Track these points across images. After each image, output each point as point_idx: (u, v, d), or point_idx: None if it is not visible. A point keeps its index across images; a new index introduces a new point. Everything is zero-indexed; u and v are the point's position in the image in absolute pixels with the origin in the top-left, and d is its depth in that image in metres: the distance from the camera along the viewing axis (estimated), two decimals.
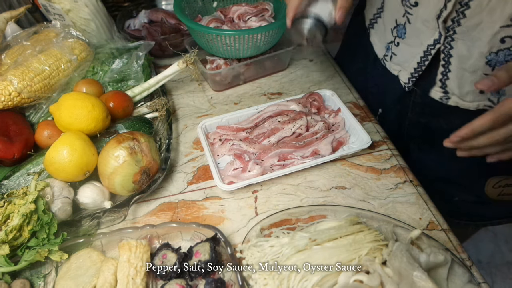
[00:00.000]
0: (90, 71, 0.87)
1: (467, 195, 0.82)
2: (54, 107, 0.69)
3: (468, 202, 0.83)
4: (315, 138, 0.77)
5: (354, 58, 0.96)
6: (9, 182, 0.66)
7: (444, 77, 0.68)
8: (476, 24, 0.59)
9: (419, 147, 0.85)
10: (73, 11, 0.91)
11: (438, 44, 0.65)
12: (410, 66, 0.73)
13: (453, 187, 0.83)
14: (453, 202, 0.85)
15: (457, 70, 0.66)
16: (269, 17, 0.97)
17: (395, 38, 0.75)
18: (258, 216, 0.68)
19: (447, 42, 0.64)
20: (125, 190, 0.64)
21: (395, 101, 0.83)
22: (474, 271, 0.58)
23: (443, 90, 0.70)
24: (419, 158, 0.85)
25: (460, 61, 0.65)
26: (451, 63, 0.66)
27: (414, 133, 0.84)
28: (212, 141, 0.79)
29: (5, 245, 0.54)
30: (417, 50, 0.70)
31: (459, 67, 0.65)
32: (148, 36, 1.01)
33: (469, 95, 0.68)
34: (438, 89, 0.71)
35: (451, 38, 0.64)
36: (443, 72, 0.68)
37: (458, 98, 0.69)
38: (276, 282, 0.52)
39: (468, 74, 0.65)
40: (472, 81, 0.65)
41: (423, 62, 0.70)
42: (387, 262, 0.53)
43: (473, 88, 0.66)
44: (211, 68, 0.94)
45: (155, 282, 0.58)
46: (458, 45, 0.64)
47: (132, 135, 0.65)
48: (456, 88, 0.68)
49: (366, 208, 0.67)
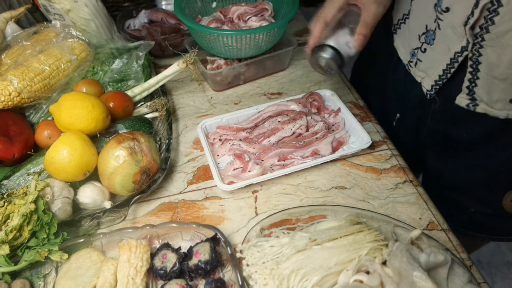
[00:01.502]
0: (90, 71, 0.87)
1: (484, 207, 0.80)
2: (54, 107, 0.69)
3: (484, 214, 0.81)
4: (315, 138, 0.77)
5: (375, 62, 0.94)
6: (9, 182, 0.66)
7: (472, 84, 0.66)
8: (505, 31, 0.58)
9: (437, 154, 0.83)
10: (73, 11, 0.91)
11: (466, 51, 0.63)
12: (435, 73, 0.71)
13: (470, 198, 0.81)
14: (468, 213, 0.83)
15: (486, 77, 0.64)
16: (269, 16, 0.97)
17: (422, 45, 0.72)
18: (258, 216, 0.68)
19: (475, 50, 0.63)
20: (125, 190, 0.64)
21: (415, 108, 0.81)
22: (474, 271, 0.58)
23: (470, 97, 0.68)
24: (436, 166, 0.84)
25: (489, 68, 0.63)
26: (479, 70, 0.64)
27: (433, 140, 0.82)
28: (212, 141, 0.79)
29: (5, 245, 0.54)
30: (444, 57, 0.68)
31: (488, 75, 0.63)
32: (148, 36, 1.01)
33: (498, 103, 0.66)
34: (464, 96, 0.69)
35: (479, 45, 0.62)
36: (471, 79, 0.66)
37: (486, 106, 0.67)
38: (276, 282, 0.52)
39: (498, 81, 0.63)
40: (502, 90, 0.63)
41: (448, 70, 0.68)
42: (387, 262, 0.53)
43: (502, 96, 0.64)
44: (211, 68, 0.94)
45: (155, 282, 0.58)
46: (487, 52, 0.62)
47: (132, 135, 0.64)
48: (485, 95, 0.66)
49: (366, 208, 0.67)
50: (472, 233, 0.85)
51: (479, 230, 0.85)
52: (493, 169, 0.75)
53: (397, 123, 0.88)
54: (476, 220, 0.83)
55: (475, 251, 1.21)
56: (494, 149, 0.73)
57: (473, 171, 0.78)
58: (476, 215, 0.82)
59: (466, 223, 0.83)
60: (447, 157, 0.81)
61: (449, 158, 0.81)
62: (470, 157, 0.77)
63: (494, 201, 0.77)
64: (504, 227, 0.83)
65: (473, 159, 0.76)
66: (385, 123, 0.86)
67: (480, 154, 0.75)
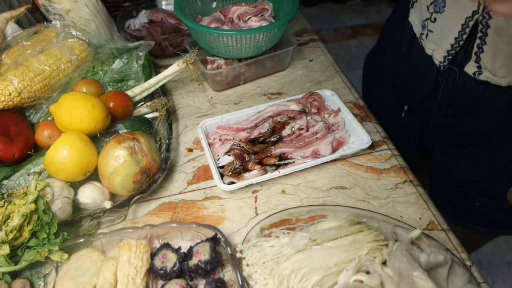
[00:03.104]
0: (90, 71, 0.87)
1: (489, 201, 0.80)
2: (54, 107, 0.69)
3: (489, 208, 0.81)
4: (315, 138, 0.77)
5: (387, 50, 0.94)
6: (9, 182, 0.66)
7: (479, 50, 0.66)
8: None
9: (443, 149, 0.84)
10: (73, 11, 0.91)
11: (477, 14, 0.64)
12: (447, 43, 0.71)
13: (475, 192, 0.81)
14: (473, 208, 0.83)
15: (493, 41, 0.64)
16: (269, 16, 0.97)
17: (432, 14, 0.73)
18: (258, 216, 0.68)
19: (485, 12, 0.63)
20: (125, 190, 0.64)
21: (421, 100, 0.82)
22: (474, 271, 0.58)
23: (477, 65, 0.68)
24: (443, 161, 0.84)
25: (496, 31, 0.63)
26: (487, 34, 0.64)
27: (438, 135, 0.83)
28: (212, 141, 0.79)
29: (5, 245, 0.54)
30: (455, 25, 0.68)
31: (495, 38, 0.64)
32: (148, 36, 1.01)
33: (501, 70, 0.66)
34: (472, 64, 0.69)
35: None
36: (479, 44, 0.66)
37: (489, 73, 0.67)
38: (276, 282, 0.52)
39: (503, 45, 0.63)
40: (506, 55, 0.63)
41: (461, 37, 0.68)
42: (387, 262, 0.53)
43: (506, 62, 0.64)
44: (212, 68, 0.94)
45: (155, 282, 0.58)
46: (496, 15, 0.62)
47: (132, 135, 0.65)
48: (489, 61, 0.66)
49: (366, 208, 0.67)
50: (477, 228, 0.86)
51: (484, 224, 0.85)
52: (498, 163, 0.75)
53: (405, 115, 0.88)
54: (481, 214, 0.84)
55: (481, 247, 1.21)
56: (499, 142, 0.73)
57: (478, 165, 0.78)
58: (481, 209, 0.83)
59: (471, 217, 0.84)
60: (453, 151, 0.81)
61: (455, 153, 0.81)
62: (475, 151, 0.77)
63: (499, 195, 0.77)
64: (509, 221, 0.83)
65: (479, 153, 0.77)
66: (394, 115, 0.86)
67: (485, 148, 0.75)
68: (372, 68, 1.04)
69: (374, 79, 0.97)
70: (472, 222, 0.84)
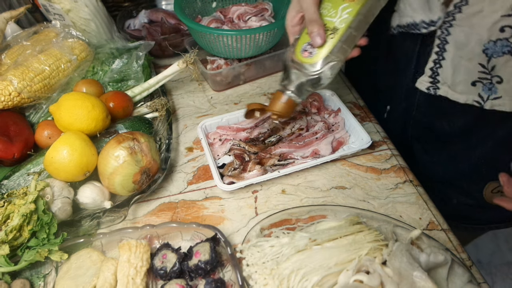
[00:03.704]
0: (90, 71, 0.87)
1: (466, 198, 0.82)
2: (54, 107, 0.69)
3: (466, 205, 0.83)
4: (315, 138, 0.77)
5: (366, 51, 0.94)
6: (9, 182, 0.66)
7: (437, 66, 0.67)
8: (477, 12, 0.59)
9: (423, 147, 0.85)
10: (73, 11, 0.91)
11: (433, 27, 0.64)
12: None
13: (453, 190, 0.83)
14: (452, 205, 0.84)
15: (453, 57, 0.65)
16: (269, 16, 0.97)
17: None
18: (258, 216, 0.68)
19: (444, 28, 0.63)
20: (125, 190, 0.64)
21: (401, 99, 0.83)
22: (474, 271, 0.58)
23: (432, 80, 0.69)
24: (422, 159, 0.85)
25: (456, 47, 0.64)
26: (446, 50, 0.65)
27: (418, 133, 0.84)
28: (212, 141, 0.79)
29: (5, 245, 0.54)
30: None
31: (455, 54, 0.64)
32: (148, 36, 1.01)
33: (460, 85, 0.66)
34: (426, 79, 0.69)
35: (449, 24, 0.63)
36: (436, 60, 0.67)
37: (448, 88, 0.68)
38: (276, 282, 0.52)
39: (464, 61, 0.64)
40: (466, 70, 0.64)
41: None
42: (387, 262, 0.53)
43: (466, 77, 0.65)
44: (212, 68, 0.94)
45: (155, 282, 0.58)
46: (456, 32, 0.62)
47: (132, 135, 0.64)
48: (449, 77, 0.67)
49: (366, 208, 0.67)
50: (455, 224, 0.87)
51: (462, 221, 0.87)
52: (474, 161, 0.76)
53: (388, 115, 0.89)
54: (459, 211, 0.85)
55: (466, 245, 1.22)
56: (475, 141, 0.74)
57: (456, 163, 0.79)
58: (459, 206, 0.84)
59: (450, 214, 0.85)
60: (432, 149, 0.83)
61: (434, 151, 0.82)
62: (453, 149, 0.78)
63: (475, 192, 0.79)
64: (484, 217, 0.86)
65: (456, 151, 0.78)
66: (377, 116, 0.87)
67: (462, 146, 0.77)
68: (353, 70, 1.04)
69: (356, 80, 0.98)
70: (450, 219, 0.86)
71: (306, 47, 0.59)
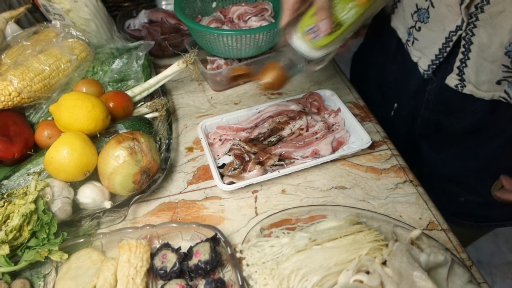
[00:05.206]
0: (90, 71, 0.87)
1: (473, 195, 0.82)
2: (54, 107, 0.69)
3: (473, 202, 0.83)
4: (315, 138, 0.77)
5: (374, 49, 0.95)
6: (9, 182, 0.66)
7: (463, 65, 0.67)
8: (499, 12, 0.58)
9: (430, 145, 0.85)
10: (73, 11, 0.91)
11: (460, 30, 0.64)
12: (431, 53, 0.72)
13: (459, 187, 0.83)
14: (458, 202, 0.84)
15: (476, 58, 0.65)
16: (269, 16, 0.97)
17: (416, 23, 0.73)
18: (258, 216, 0.68)
19: (469, 29, 0.64)
20: (125, 190, 0.64)
21: (410, 97, 0.82)
22: (474, 271, 0.58)
23: (460, 78, 0.69)
24: (429, 157, 0.85)
25: (480, 49, 0.64)
26: (471, 50, 0.65)
27: (425, 130, 0.84)
28: (212, 141, 0.79)
29: (5, 245, 0.54)
30: (439, 36, 0.69)
31: (478, 55, 0.65)
32: (148, 36, 1.01)
33: (485, 85, 0.67)
34: (454, 76, 0.70)
35: (473, 25, 0.63)
36: (462, 59, 0.67)
37: (473, 87, 0.68)
38: (276, 282, 0.52)
39: (487, 63, 0.64)
40: (490, 71, 0.64)
41: (444, 49, 0.69)
42: (387, 262, 0.53)
43: (490, 78, 0.65)
44: (212, 68, 0.94)
45: (155, 282, 0.58)
46: (479, 33, 0.63)
47: (132, 135, 0.64)
48: (473, 76, 0.67)
49: (366, 208, 0.67)
50: (461, 222, 0.87)
51: (467, 218, 0.87)
52: (483, 159, 0.76)
53: (395, 113, 0.89)
54: (465, 208, 0.85)
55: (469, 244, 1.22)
56: (484, 139, 0.74)
57: (464, 161, 0.80)
58: (466, 203, 0.84)
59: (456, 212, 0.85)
60: (440, 147, 0.83)
61: (442, 148, 0.82)
62: (461, 147, 0.79)
63: (483, 189, 0.78)
64: (491, 215, 0.85)
65: (464, 148, 0.78)
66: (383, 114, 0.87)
67: (471, 144, 0.77)
68: (359, 67, 1.04)
69: (362, 78, 0.98)
70: (456, 216, 0.86)
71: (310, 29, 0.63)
